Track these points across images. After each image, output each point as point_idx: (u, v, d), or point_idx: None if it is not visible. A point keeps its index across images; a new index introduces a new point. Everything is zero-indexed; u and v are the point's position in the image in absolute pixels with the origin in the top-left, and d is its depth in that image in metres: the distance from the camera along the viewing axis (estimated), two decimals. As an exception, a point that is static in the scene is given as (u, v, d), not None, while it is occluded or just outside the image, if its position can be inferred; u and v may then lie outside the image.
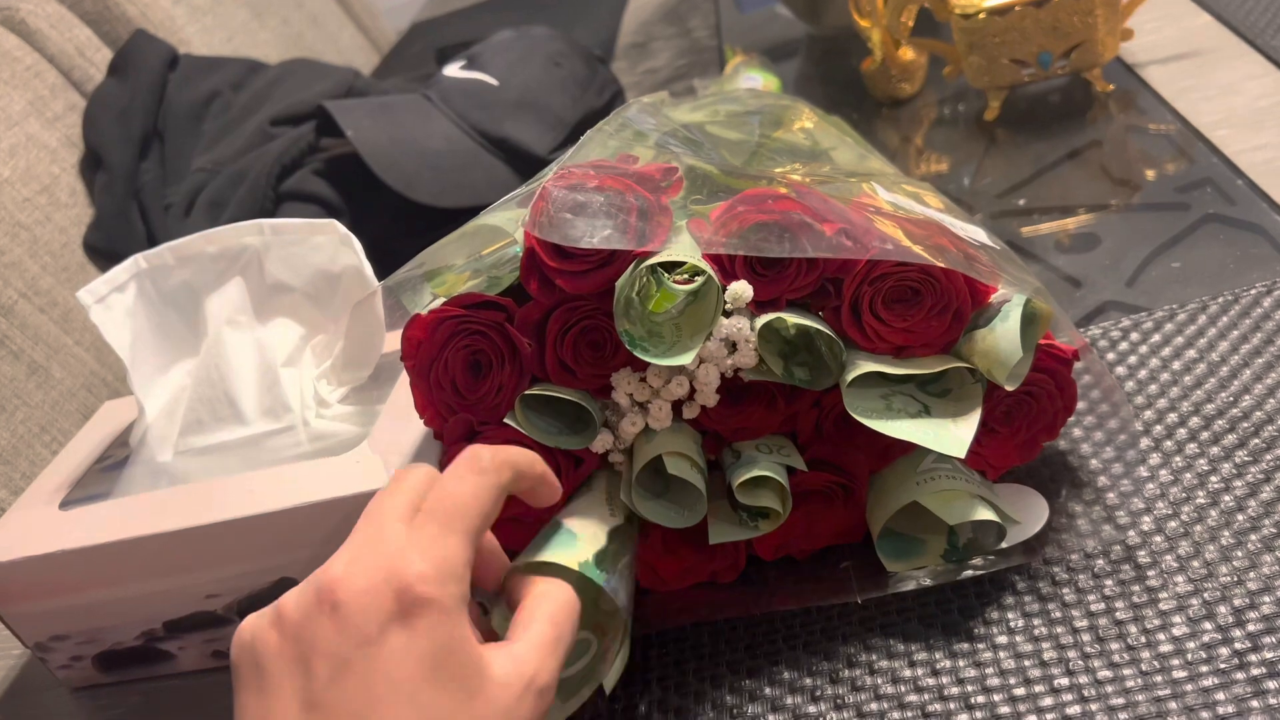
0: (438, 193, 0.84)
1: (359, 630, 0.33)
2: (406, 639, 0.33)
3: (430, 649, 0.33)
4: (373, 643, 0.33)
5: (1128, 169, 0.69)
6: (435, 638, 0.34)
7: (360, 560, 0.35)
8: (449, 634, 0.34)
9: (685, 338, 0.44)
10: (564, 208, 0.42)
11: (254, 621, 0.36)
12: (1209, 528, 0.45)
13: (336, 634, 0.33)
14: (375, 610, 0.33)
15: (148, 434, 0.59)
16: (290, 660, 0.34)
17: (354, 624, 0.33)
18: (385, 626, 0.33)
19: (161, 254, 0.61)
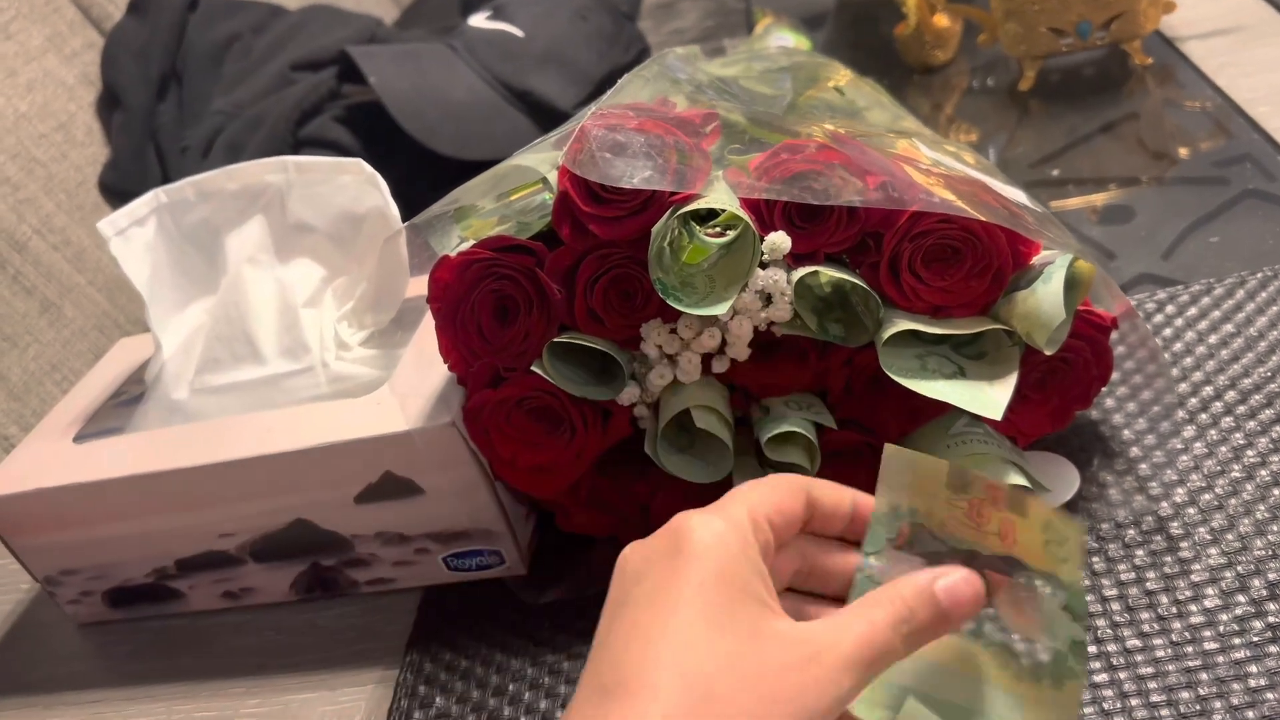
0: (459, 144, 0.83)
1: (635, 570, 0.34)
2: (670, 572, 0.33)
3: (694, 582, 0.32)
4: (643, 578, 0.33)
5: (1164, 143, 0.68)
6: (699, 572, 0.32)
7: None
8: (716, 571, 0.32)
9: (720, 288, 0.43)
10: (604, 147, 0.41)
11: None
12: (1244, 501, 0.44)
13: (620, 578, 0.34)
14: (650, 551, 0.34)
15: (164, 371, 0.59)
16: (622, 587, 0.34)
17: (632, 566, 0.34)
18: (655, 562, 0.33)
19: (183, 189, 0.60)
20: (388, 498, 0.50)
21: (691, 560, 0.32)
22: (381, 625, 0.54)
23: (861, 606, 0.33)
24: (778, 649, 0.32)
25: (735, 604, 0.32)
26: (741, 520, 0.34)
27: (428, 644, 0.51)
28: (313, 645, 0.54)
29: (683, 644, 0.31)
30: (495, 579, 0.52)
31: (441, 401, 0.48)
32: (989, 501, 0.36)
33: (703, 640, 0.31)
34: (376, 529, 0.52)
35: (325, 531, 0.52)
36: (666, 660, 0.31)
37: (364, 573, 0.54)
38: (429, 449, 0.48)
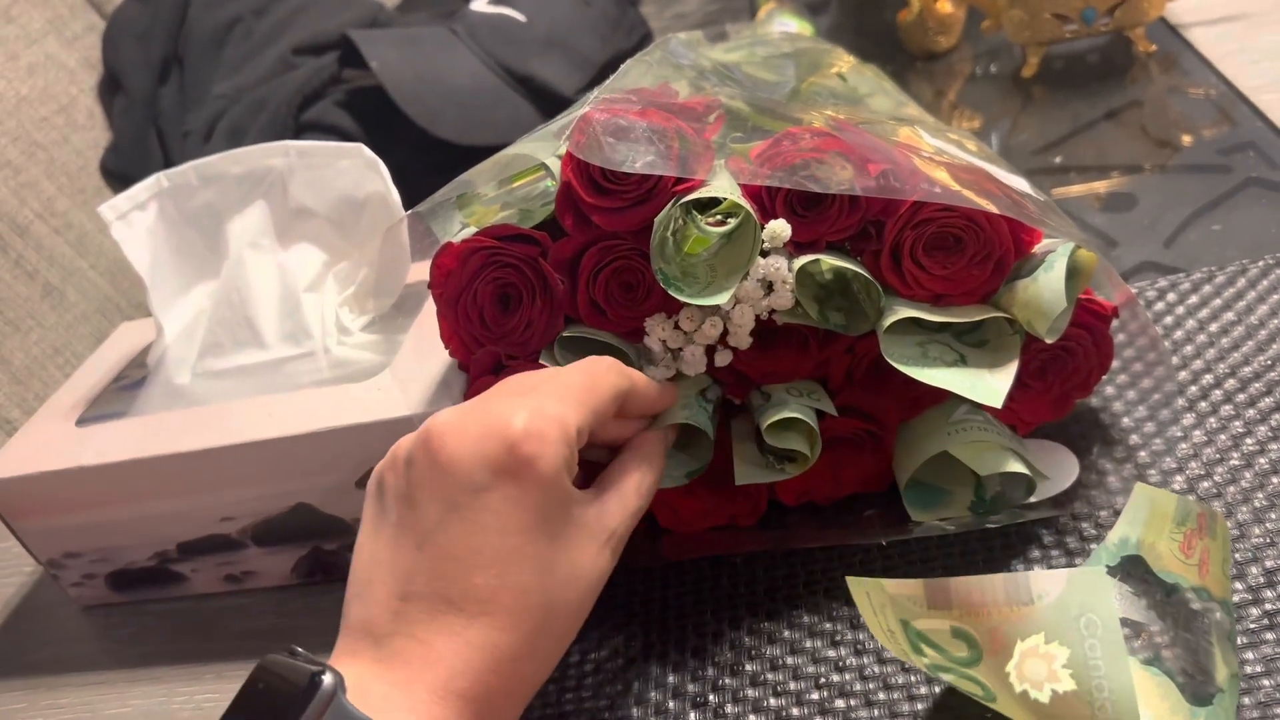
0: (461, 129, 0.83)
1: (469, 478, 0.36)
2: (516, 492, 0.35)
3: (535, 504, 0.36)
4: (482, 491, 0.35)
5: (1168, 130, 0.68)
6: (540, 494, 0.36)
7: (472, 413, 0.37)
8: (551, 493, 0.36)
9: (721, 278, 0.43)
10: (607, 131, 0.41)
11: (381, 464, 0.39)
12: (1242, 489, 0.44)
13: (447, 479, 0.36)
14: (485, 460, 0.36)
15: (166, 355, 0.59)
16: (405, 500, 0.37)
17: (464, 470, 0.36)
18: (496, 477, 0.35)
19: (184, 173, 0.60)
20: (389, 482, 0.50)
21: (536, 488, 0.36)
22: (383, 609, 0.54)
23: (628, 480, 0.40)
24: (587, 541, 0.37)
25: (566, 523, 0.37)
26: (571, 440, 0.37)
27: (429, 628, 0.52)
28: (314, 628, 0.54)
29: (527, 570, 0.35)
30: (496, 564, 0.53)
31: (442, 386, 0.49)
32: (1198, 532, 0.38)
33: (543, 564, 0.36)
34: (378, 514, 0.52)
35: (326, 516, 0.53)
36: (518, 590, 0.35)
37: (365, 557, 0.54)
38: (430, 434, 0.48)
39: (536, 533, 0.36)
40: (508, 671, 0.35)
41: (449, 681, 0.34)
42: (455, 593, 0.35)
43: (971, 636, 0.35)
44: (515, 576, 0.35)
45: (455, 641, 0.35)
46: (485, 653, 0.35)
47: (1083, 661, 0.32)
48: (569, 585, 0.37)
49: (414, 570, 0.36)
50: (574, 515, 0.37)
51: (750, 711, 0.42)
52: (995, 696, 0.35)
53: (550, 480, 0.36)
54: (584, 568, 0.37)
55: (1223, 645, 0.37)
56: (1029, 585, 0.34)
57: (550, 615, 0.36)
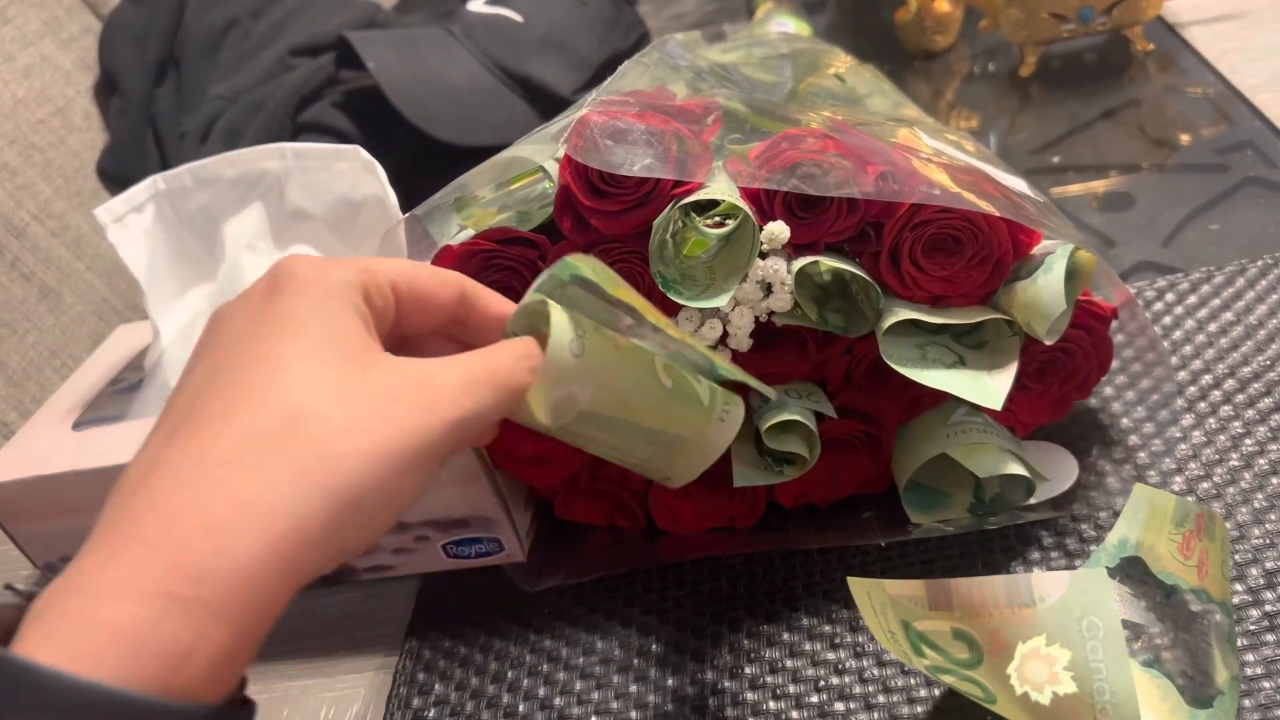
0: (459, 130, 0.83)
1: (246, 300, 0.31)
2: (260, 300, 0.30)
3: (285, 304, 0.30)
4: (253, 307, 0.30)
5: (1165, 129, 0.68)
6: (294, 294, 0.30)
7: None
8: (312, 296, 0.30)
9: (720, 280, 0.43)
10: (605, 133, 0.40)
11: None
12: (1242, 490, 0.44)
13: (235, 309, 0.31)
14: (258, 287, 0.31)
15: (163, 358, 0.58)
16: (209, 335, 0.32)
17: (243, 300, 0.31)
18: (264, 295, 0.31)
19: (180, 176, 0.60)
20: (387, 486, 0.50)
21: (282, 294, 0.30)
22: (381, 612, 0.54)
23: (486, 348, 0.32)
24: (383, 372, 0.29)
25: (325, 335, 0.29)
26: (356, 272, 0.31)
27: (427, 631, 0.52)
28: (312, 632, 0.54)
29: (268, 371, 0.28)
30: (494, 566, 0.53)
31: (440, 390, 0.48)
32: (1196, 533, 0.38)
33: (293, 364, 0.28)
34: (376, 517, 0.52)
35: (324, 519, 0.52)
36: (242, 390, 0.28)
37: (363, 560, 0.54)
38: (428, 437, 0.48)
39: (275, 332, 0.29)
40: (221, 488, 0.26)
41: (137, 509, 0.28)
42: (179, 418, 0.29)
43: (972, 638, 0.34)
44: (236, 369, 0.29)
45: (160, 453, 0.28)
46: (183, 457, 0.27)
47: (1084, 664, 0.32)
48: (321, 398, 0.28)
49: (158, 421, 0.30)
50: (368, 344, 0.30)
51: (750, 715, 0.42)
52: (996, 698, 0.35)
53: (306, 288, 0.30)
54: (383, 390, 0.29)
55: (1222, 647, 0.37)
56: (1030, 587, 0.34)
57: (292, 426, 0.27)
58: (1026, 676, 0.33)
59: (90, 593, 0.25)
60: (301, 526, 0.26)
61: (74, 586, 0.25)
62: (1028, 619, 0.33)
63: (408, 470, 0.28)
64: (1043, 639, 0.33)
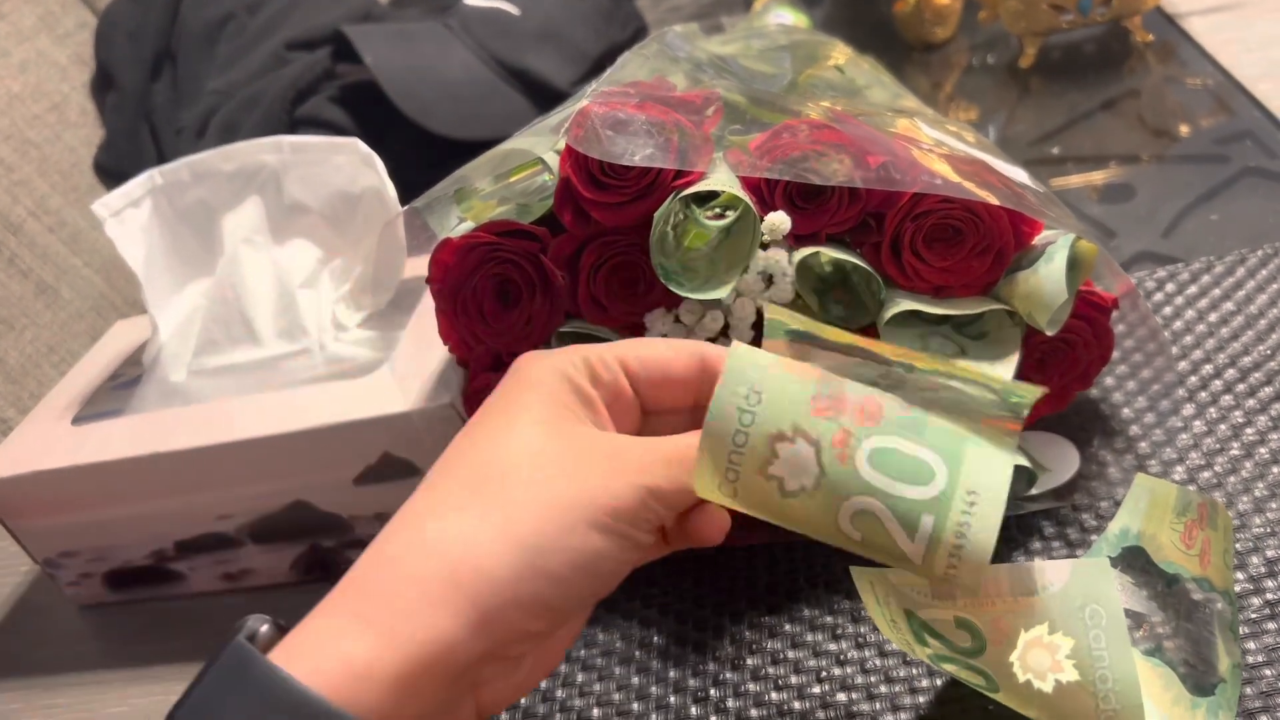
0: (455, 123, 0.83)
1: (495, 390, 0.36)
2: (498, 388, 0.35)
3: (503, 390, 0.34)
4: (492, 395, 0.35)
5: (1165, 120, 0.68)
6: (511, 381, 0.34)
7: None
8: (519, 379, 0.34)
9: (721, 272, 0.43)
10: (606, 124, 0.40)
11: None
12: (1243, 479, 0.44)
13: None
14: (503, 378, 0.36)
15: (161, 353, 0.58)
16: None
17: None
18: (500, 384, 0.35)
19: (178, 170, 0.60)
20: (387, 479, 0.50)
21: (505, 381, 0.35)
22: (382, 606, 0.54)
23: (689, 434, 0.33)
24: (578, 440, 0.32)
25: (536, 407, 0.33)
26: (579, 354, 0.35)
27: (428, 625, 0.51)
28: (313, 626, 0.54)
29: (484, 439, 0.33)
30: (495, 560, 0.52)
31: (441, 382, 0.48)
32: (1198, 522, 0.37)
33: (491, 433, 0.33)
34: (375, 510, 0.52)
35: (324, 513, 0.52)
36: (468, 454, 0.33)
37: (364, 554, 0.54)
38: (428, 430, 0.48)
39: (493, 410, 0.34)
40: (412, 536, 0.31)
41: (356, 565, 0.31)
42: (425, 480, 0.33)
43: (975, 627, 0.34)
44: (452, 447, 0.34)
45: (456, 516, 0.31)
46: (393, 519, 0.32)
47: (1087, 652, 0.32)
48: (517, 458, 0.31)
49: None
50: (579, 420, 0.33)
51: (752, 706, 0.42)
52: (998, 687, 0.35)
53: (527, 375, 0.34)
54: (580, 456, 0.32)
55: (1225, 636, 0.37)
56: (1033, 576, 0.34)
57: (483, 480, 0.31)
58: (1029, 664, 0.33)
59: (314, 622, 0.31)
60: (484, 569, 0.29)
61: (313, 617, 0.31)
62: (1031, 607, 0.33)
63: (592, 527, 0.31)
64: (1045, 627, 0.33)
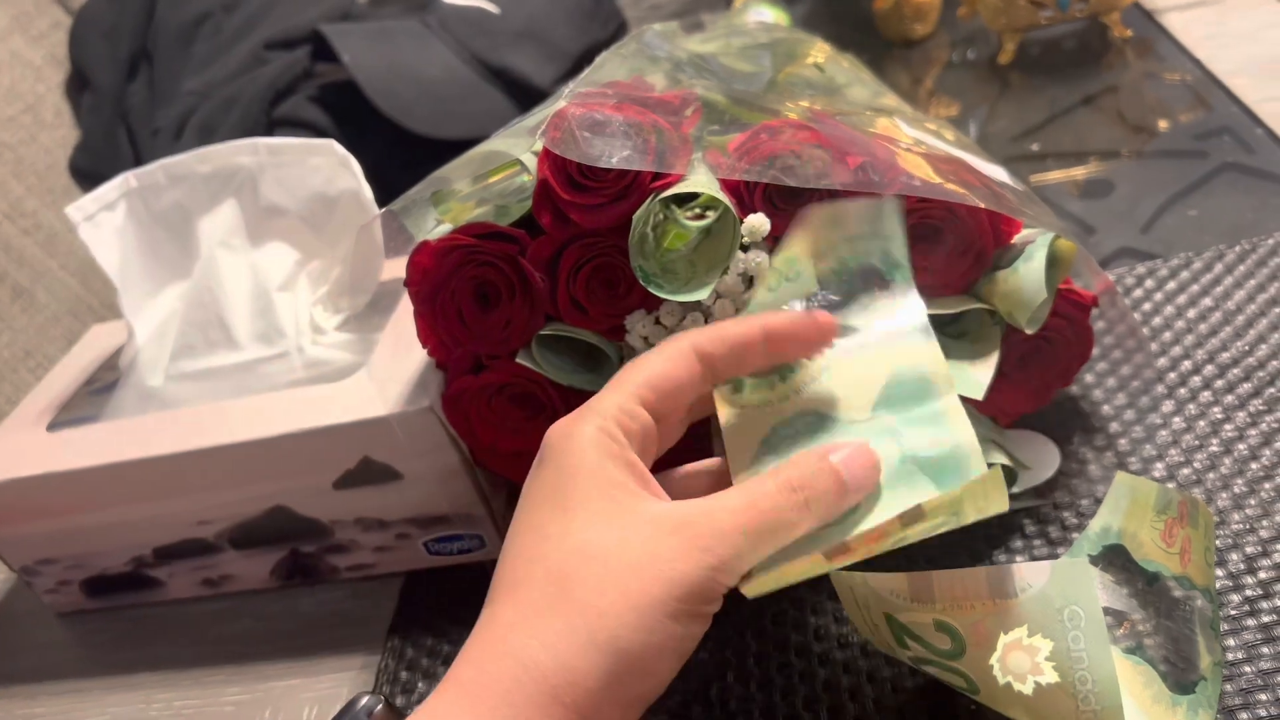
0: (435, 122, 0.82)
1: (530, 474, 0.36)
2: (538, 473, 0.35)
3: (548, 477, 0.34)
4: (530, 482, 0.35)
5: (1144, 116, 0.68)
6: (552, 467, 0.34)
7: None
8: (564, 462, 0.34)
9: (700, 273, 0.43)
10: (583, 126, 0.40)
11: None
12: (1222, 475, 0.44)
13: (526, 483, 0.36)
14: (536, 461, 0.36)
15: (138, 357, 0.58)
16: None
17: (530, 473, 0.36)
18: (535, 469, 0.35)
19: (153, 172, 0.59)
20: (366, 483, 0.50)
21: (546, 465, 0.34)
22: (363, 611, 0.54)
23: (748, 481, 0.33)
24: (640, 524, 0.32)
25: (591, 494, 0.33)
26: (605, 415, 0.34)
27: (409, 629, 0.51)
28: (294, 632, 0.54)
29: (537, 541, 0.32)
30: (477, 562, 0.52)
31: (419, 386, 0.48)
32: (1179, 520, 0.37)
33: (556, 532, 0.32)
34: (356, 515, 0.51)
35: (304, 518, 0.52)
36: (539, 561, 0.32)
37: (344, 559, 0.54)
38: (407, 434, 0.47)
39: (547, 504, 0.33)
40: (505, 649, 0.31)
41: (455, 670, 0.32)
42: (491, 593, 0.34)
43: (955, 630, 0.34)
44: (517, 547, 0.33)
45: (476, 629, 0.33)
46: (483, 629, 0.32)
47: (1066, 654, 0.32)
48: (586, 558, 0.31)
49: None
50: (628, 495, 0.33)
51: (734, 700, 0.42)
52: (979, 689, 0.35)
53: (562, 455, 0.34)
54: (640, 543, 0.31)
55: (1205, 633, 0.37)
56: (1013, 578, 0.34)
57: (560, 588, 0.31)
58: (1009, 667, 0.33)
59: None
60: (577, 680, 0.30)
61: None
62: (1010, 610, 0.33)
63: (677, 616, 0.31)
64: (1025, 629, 0.33)
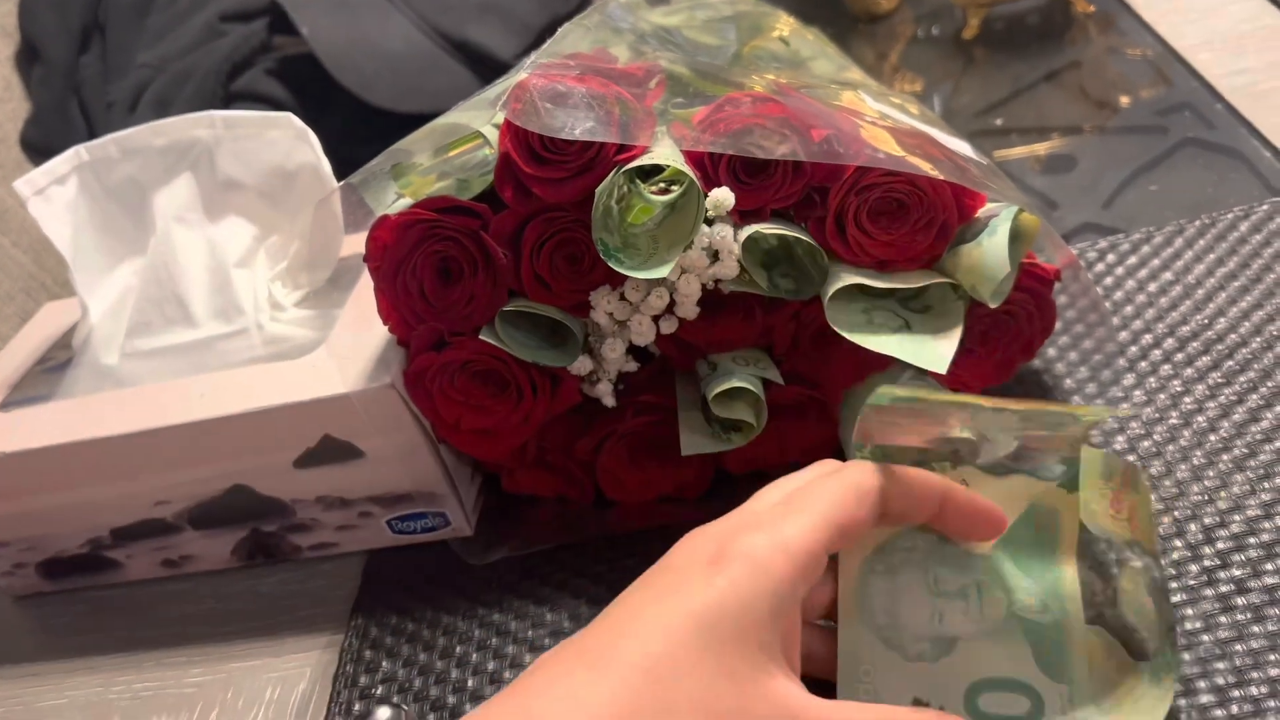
0: (396, 96, 0.81)
1: (671, 563, 0.33)
2: (704, 577, 0.31)
3: (722, 595, 0.31)
4: (669, 568, 0.33)
5: (1106, 91, 0.68)
6: (735, 587, 0.31)
7: (726, 518, 0.35)
8: (752, 593, 0.31)
9: (663, 249, 0.42)
10: (545, 97, 0.39)
11: None
12: (1181, 448, 0.45)
13: (661, 572, 0.33)
14: (696, 550, 0.33)
15: (92, 335, 0.57)
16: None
17: (674, 559, 0.33)
18: (694, 565, 0.32)
19: (105, 146, 0.58)
20: (327, 462, 0.49)
21: (720, 584, 0.31)
22: (325, 590, 0.53)
23: (866, 709, 0.32)
24: (762, 708, 0.30)
25: (740, 648, 0.30)
26: (795, 556, 0.32)
27: (373, 608, 0.51)
28: (256, 612, 0.53)
29: (668, 657, 0.30)
30: (441, 541, 0.52)
31: (380, 363, 0.47)
32: (1123, 487, 0.38)
33: (686, 660, 0.30)
34: (317, 493, 0.51)
35: (264, 497, 0.51)
36: (645, 662, 0.30)
37: (306, 538, 0.53)
38: (368, 411, 0.47)
39: (696, 634, 0.30)
40: None
41: None
42: (589, 644, 0.31)
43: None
44: (651, 653, 0.30)
45: (558, 694, 0.30)
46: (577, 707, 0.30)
47: None
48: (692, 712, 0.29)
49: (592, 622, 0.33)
50: (767, 664, 0.31)
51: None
52: None
53: (741, 585, 0.31)
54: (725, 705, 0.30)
55: (1159, 599, 0.37)
56: None
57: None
58: None
59: None
60: None
61: None
62: None
63: None
64: None
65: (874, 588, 0.37)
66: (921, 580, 0.37)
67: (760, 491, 0.36)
